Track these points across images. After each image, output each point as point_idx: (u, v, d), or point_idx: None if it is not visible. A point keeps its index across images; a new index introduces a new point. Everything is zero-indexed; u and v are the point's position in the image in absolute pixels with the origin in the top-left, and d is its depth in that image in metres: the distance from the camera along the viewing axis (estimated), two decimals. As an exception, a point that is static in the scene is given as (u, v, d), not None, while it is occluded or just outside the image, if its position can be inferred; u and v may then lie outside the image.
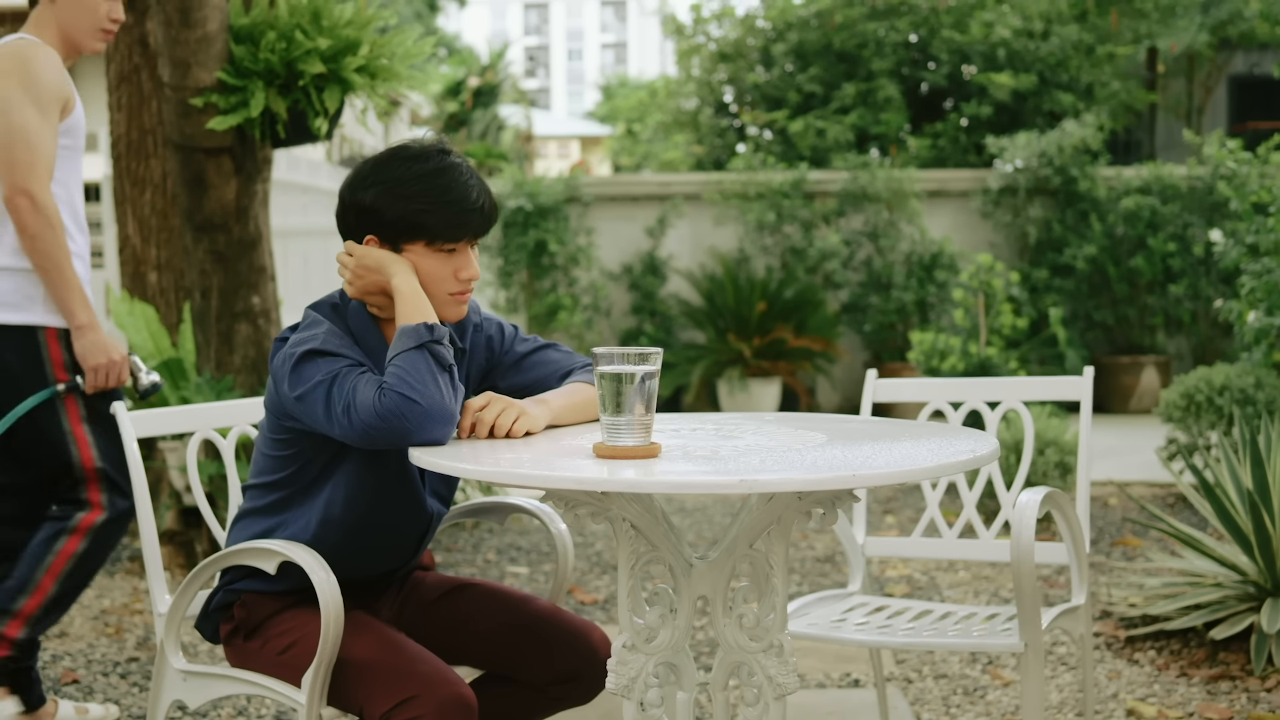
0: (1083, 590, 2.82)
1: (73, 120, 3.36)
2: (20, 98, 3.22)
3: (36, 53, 3.27)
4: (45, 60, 3.28)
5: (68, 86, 3.34)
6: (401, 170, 2.30)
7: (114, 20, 3.38)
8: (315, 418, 2.22)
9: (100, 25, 3.37)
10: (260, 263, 4.99)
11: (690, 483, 1.88)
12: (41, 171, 3.23)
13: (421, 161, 2.32)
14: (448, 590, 2.57)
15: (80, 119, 3.35)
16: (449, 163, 2.33)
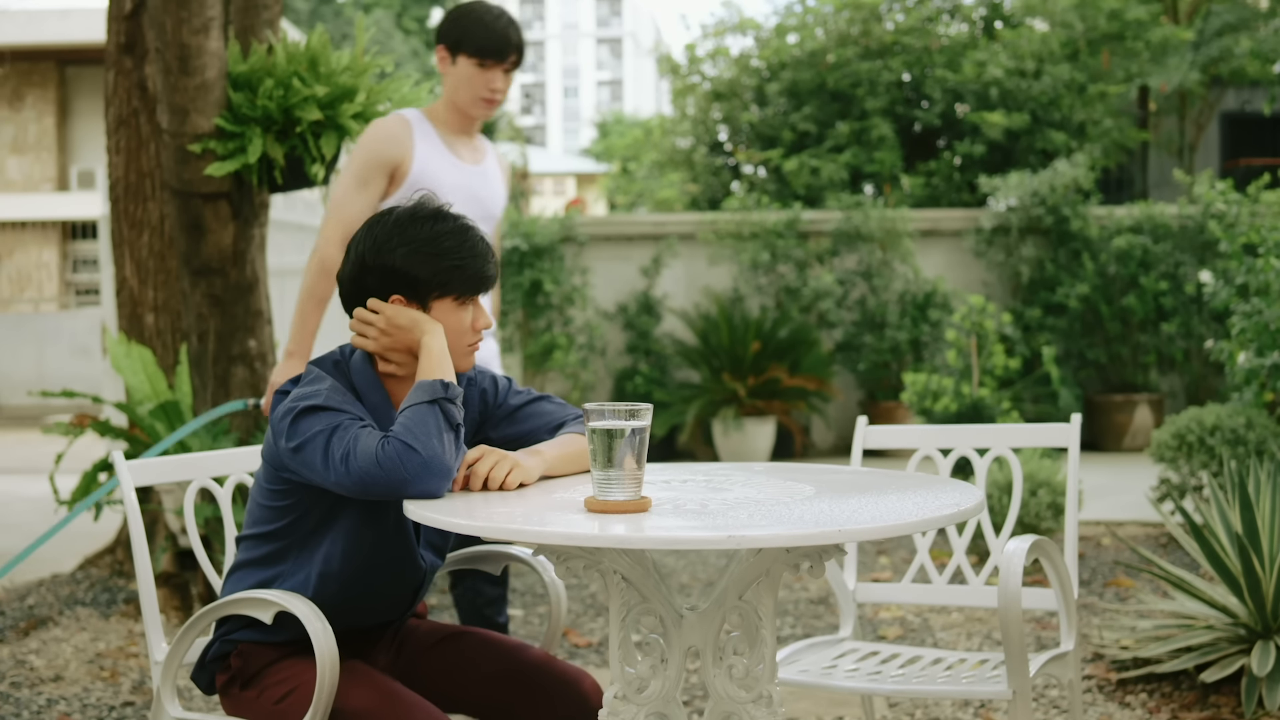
0: (1071, 637, 2.84)
1: (410, 182, 3.63)
2: (345, 169, 3.68)
3: (373, 127, 3.70)
4: (373, 132, 3.68)
5: (394, 153, 3.66)
6: (427, 230, 2.40)
7: (493, 90, 3.70)
8: (313, 468, 2.25)
9: (480, 95, 3.69)
10: (257, 306, 5.03)
11: (679, 539, 1.91)
12: (334, 235, 3.63)
13: (440, 221, 2.43)
14: (442, 638, 2.59)
15: (421, 178, 3.61)
16: (461, 221, 2.45)
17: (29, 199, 22.89)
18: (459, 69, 3.67)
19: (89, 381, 17.09)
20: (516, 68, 3.72)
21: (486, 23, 3.65)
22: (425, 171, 3.63)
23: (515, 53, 3.70)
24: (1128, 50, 14.17)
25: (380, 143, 3.66)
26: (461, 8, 3.70)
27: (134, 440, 5.13)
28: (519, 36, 3.71)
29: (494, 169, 3.84)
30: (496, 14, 3.68)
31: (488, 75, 3.67)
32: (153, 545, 5.27)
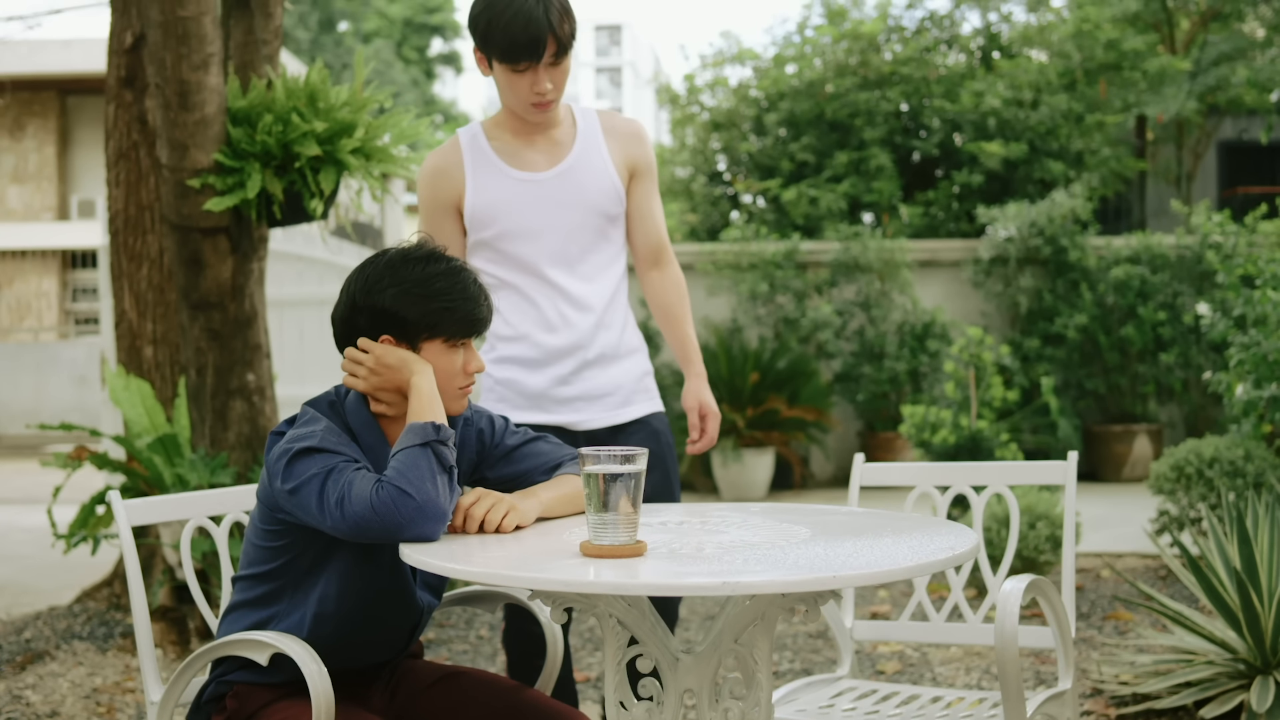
0: (1069, 675, 2.84)
1: (470, 217, 3.21)
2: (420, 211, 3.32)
3: (424, 163, 3.29)
4: (422, 172, 3.28)
5: (446, 190, 3.22)
6: (418, 272, 2.40)
7: (539, 93, 3.09)
8: (308, 511, 2.26)
9: (527, 101, 3.11)
10: (255, 340, 5.04)
11: (674, 585, 1.92)
12: None
13: (433, 263, 2.42)
14: (438, 678, 2.59)
15: (477, 210, 3.18)
16: (456, 264, 2.44)
17: (29, 228, 22.93)
18: (496, 74, 3.12)
19: (88, 411, 17.10)
20: (563, 56, 3.07)
21: (507, 17, 3.00)
22: (480, 202, 3.17)
23: (554, 42, 3.03)
24: (1125, 80, 14.23)
25: (428, 185, 3.23)
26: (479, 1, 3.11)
27: (132, 473, 5.12)
28: (555, 17, 3.02)
29: (588, 157, 3.21)
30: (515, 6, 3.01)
31: (527, 78, 3.07)
32: (150, 578, 5.26)
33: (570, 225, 3.15)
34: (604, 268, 3.22)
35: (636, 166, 3.25)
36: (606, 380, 3.19)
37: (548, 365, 3.16)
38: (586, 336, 3.17)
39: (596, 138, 3.23)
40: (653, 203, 3.29)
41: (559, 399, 3.17)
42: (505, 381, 3.19)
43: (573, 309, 3.17)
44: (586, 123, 3.25)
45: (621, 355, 3.22)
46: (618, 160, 3.22)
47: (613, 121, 3.27)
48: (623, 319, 3.25)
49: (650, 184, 3.28)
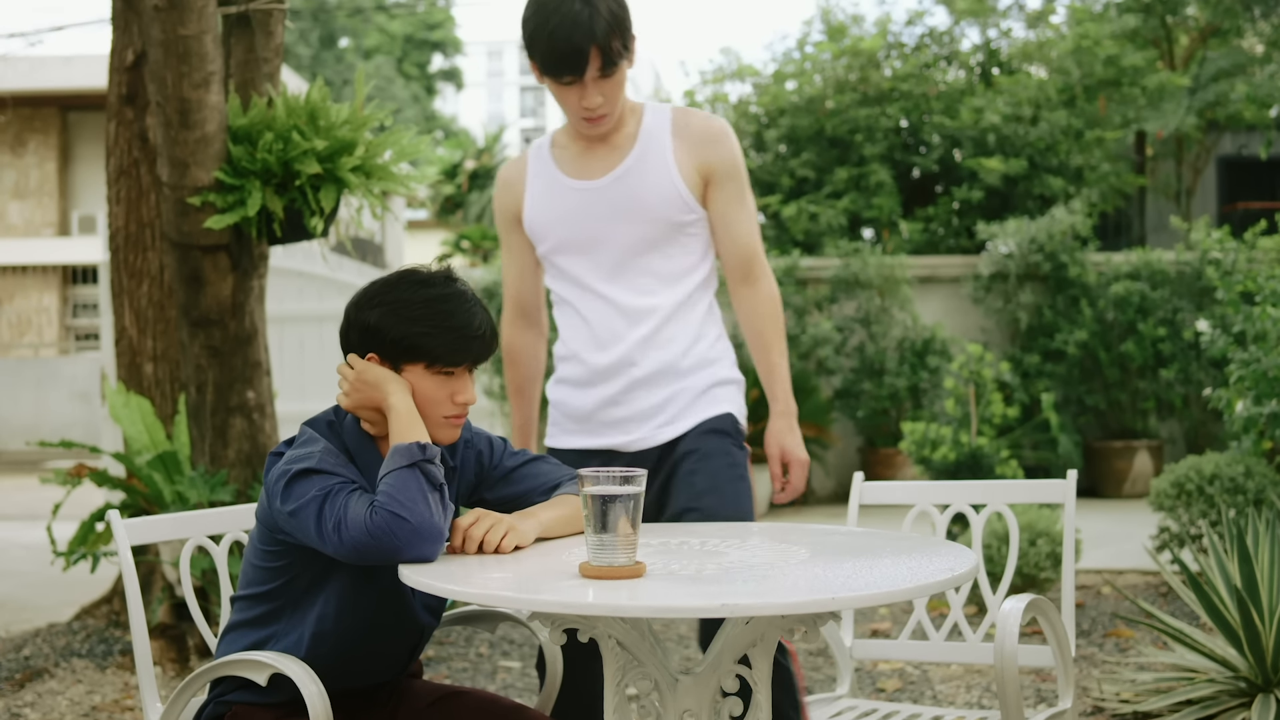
0: (1069, 694, 2.83)
1: (529, 229, 3.05)
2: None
3: (498, 172, 3.14)
4: (496, 185, 3.13)
5: (509, 203, 3.09)
6: (408, 293, 2.38)
7: (587, 108, 2.90)
8: (307, 533, 2.26)
9: (580, 115, 2.92)
10: (255, 358, 5.04)
11: (673, 607, 1.91)
12: (505, 312, 3.18)
13: (427, 287, 2.39)
14: (438, 698, 2.58)
15: (532, 223, 3.03)
16: (454, 290, 2.40)
17: (30, 244, 22.96)
18: (546, 84, 2.92)
19: (88, 427, 17.10)
20: (612, 70, 2.84)
21: (550, 26, 2.79)
22: (535, 215, 3.01)
23: (599, 56, 2.81)
24: (1124, 96, 14.26)
25: (496, 198, 3.11)
26: (528, 5, 2.90)
27: (132, 490, 5.12)
28: (602, 28, 2.79)
29: (648, 161, 2.96)
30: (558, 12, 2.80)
31: (574, 91, 2.86)
32: (150, 596, 5.26)
33: (626, 235, 2.93)
34: (670, 280, 2.97)
35: (712, 170, 2.96)
36: (660, 398, 2.96)
37: (595, 385, 2.98)
38: (637, 353, 2.94)
39: (662, 139, 2.96)
40: (737, 210, 2.99)
41: (607, 421, 2.97)
42: (556, 403, 3.05)
43: (626, 324, 2.95)
44: (654, 122, 2.98)
45: (685, 371, 2.97)
46: (685, 163, 2.94)
47: (686, 120, 2.98)
48: (693, 334, 2.99)
49: (733, 189, 2.97)
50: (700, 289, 3.01)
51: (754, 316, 3.02)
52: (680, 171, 2.92)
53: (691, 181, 2.94)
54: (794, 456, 3.01)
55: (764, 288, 3.02)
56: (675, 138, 2.95)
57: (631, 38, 2.87)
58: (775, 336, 3.02)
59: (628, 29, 2.85)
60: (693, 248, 2.99)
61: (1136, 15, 14.87)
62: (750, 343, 3.04)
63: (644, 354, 2.94)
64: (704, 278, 3.02)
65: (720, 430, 2.96)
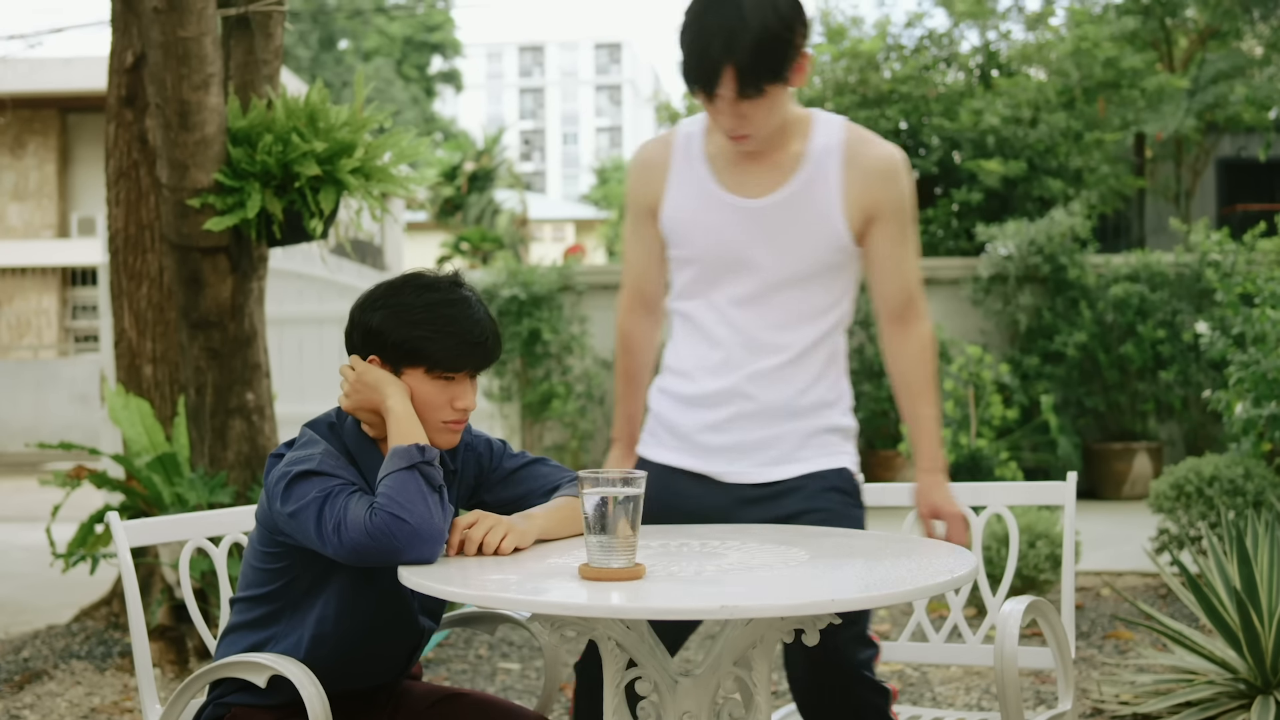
0: (1069, 696, 2.83)
1: (663, 225, 2.76)
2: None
3: (638, 149, 2.83)
4: (631, 162, 2.84)
5: (645, 190, 2.78)
6: (411, 297, 2.38)
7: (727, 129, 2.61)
8: (307, 535, 2.26)
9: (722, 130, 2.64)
10: (255, 359, 5.04)
11: (673, 609, 1.91)
12: (624, 298, 2.90)
13: (432, 291, 2.39)
14: (437, 700, 2.58)
15: (671, 223, 2.73)
16: (458, 295, 2.39)
17: (29, 245, 22.96)
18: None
19: (87, 429, 17.09)
20: (754, 93, 2.51)
21: (690, 35, 2.53)
22: (674, 216, 2.72)
23: (734, 77, 2.50)
24: (1124, 98, 14.27)
25: (631, 177, 2.82)
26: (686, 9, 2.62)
27: (131, 492, 5.12)
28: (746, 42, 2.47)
29: (812, 191, 2.64)
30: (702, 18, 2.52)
31: (716, 107, 2.57)
32: (149, 597, 5.25)
33: (774, 266, 2.66)
34: (806, 317, 2.71)
35: (878, 210, 2.66)
36: (767, 435, 2.71)
37: (702, 408, 2.74)
38: (753, 386, 2.69)
39: (832, 167, 2.64)
40: (899, 250, 2.70)
41: (706, 445, 2.73)
42: (657, 414, 2.83)
43: (749, 355, 2.70)
44: (825, 143, 2.65)
45: (798, 411, 2.71)
46: (851, 199, 2.64)
47: (862, 150, 2.66)
48: (815, 374, 2.72)
49: (897, 229, 2.68)
50: (834, 329, 2.76)
51: (903, 359, 2.76)
52: (845, 209, 2.63)
53: (854, 221, 2.66)
54: (948, 512, 2.73)
55: (918, 331, 2.74)
56: (847, 168, 2.64)
57: (793, 57, 2.52)
58: (924, 385, 2.76)
59: (787, 47, 2.50)
60: (836, 287, 2.73)
61: (1136, 17, 14.88)
62: (896, 388, 2.80)
63: (760, 388, 2.70)
64: (840, 318, 2.76)
65: (839, 489, 2.73)
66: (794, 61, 2.53)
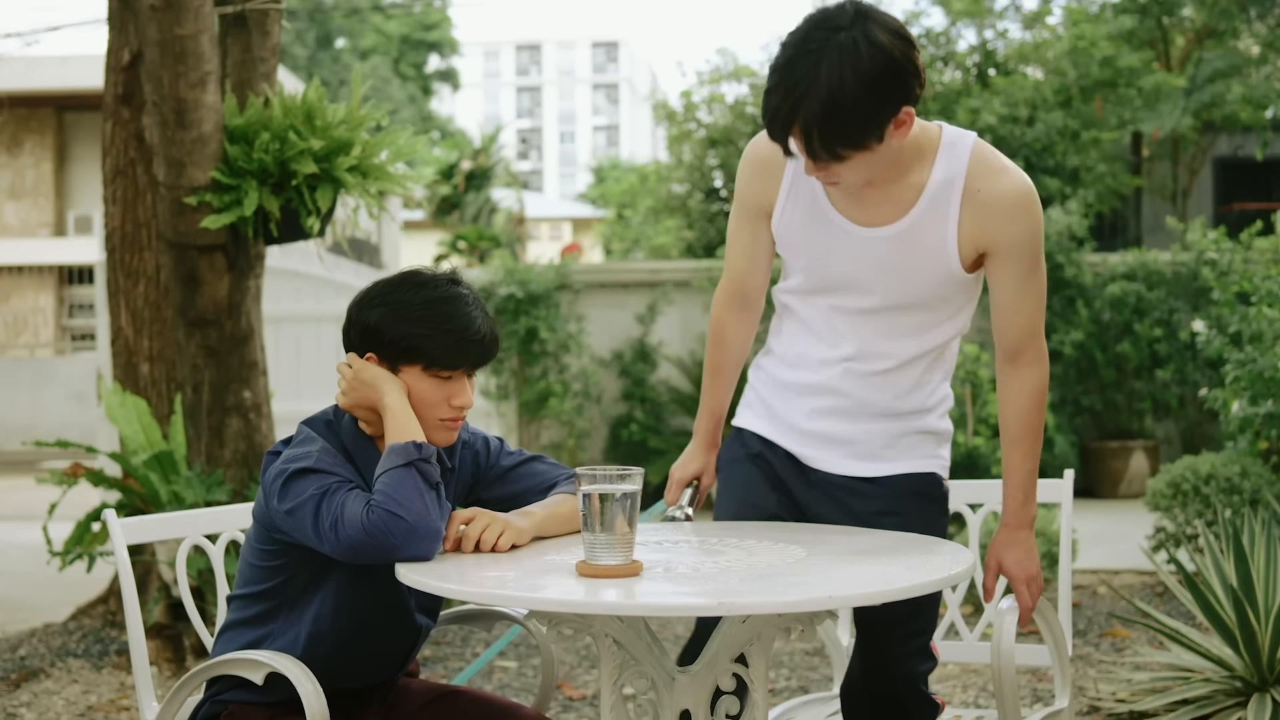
0: (1065, 694, 2.84)
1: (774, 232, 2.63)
2: None
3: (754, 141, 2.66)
4: (746, 153, 2.66)
5: (758, 189, 2.61)
6: (408, 295, 2.37)
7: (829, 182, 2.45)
8: (304, 532, 2.26)
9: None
10: (252, 358, 5.04)
11: (670, 605, 1.92)
12: (720, 291, 2.79)
13: (429, 288, 2.38)
14: (434, 698, 2.58)
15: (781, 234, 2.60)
16: (455, 292, 2.39)
17: (26, 244, 22.95)
18: None
19: (84, 427, 17.08)
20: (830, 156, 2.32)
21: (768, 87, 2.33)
22: (785, 230, 2.59)
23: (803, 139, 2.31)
24: (1120, 97, 14.27)
25: (743, 171, 2.64)
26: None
27: (128, 490, 5.12)
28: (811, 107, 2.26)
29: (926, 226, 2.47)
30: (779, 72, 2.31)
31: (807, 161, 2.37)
32: (146, 596, 5.25)
33: (885, 292, 2.54)
34: (919, 331, 2.59)
35: (995, 248, 2.48)
36: (856, 431, 2.63)
37: (798, 395, 2.66)
38: (851, 384, 2.61)
39: (950, 200, 2.46)
40: (1022, 289, 2.52)
41: (799, 429, 2.66)
42: (756, 390, 2.76)
43: (854, 359, 2.61)
44: (947, 173, 2.47)
45: (893, 414, 2.63)
46: (966, 235, 2.47)
47: (984, 185, 2.46)
48: (917, 379, 2.63)
49: (1016, 267, 2.49)
50: (945, 345, 2.65)
51: (1007, 404, 2.62)
52: (959, 247, 2.47)
53: (969, 257, 2.50)
54: (1015, 572, 2.60)
55: (1030, 375, 2.58)
56: (966, 201, 2.45)
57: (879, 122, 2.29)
58: (1022, 434, 2.60)
59: (869, 114, 2.27)
60: (951, 307, 2.59)
61: (1133, 16, 14.88)
62: (1000, 430, 2.66)
63: (858, 388, 2.62)
64: (954, 330, 2.64)
65: (924, 494, 2.65)
66: (880, 126, 2.30)
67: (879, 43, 2.25)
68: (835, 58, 2.21)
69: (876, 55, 2.25)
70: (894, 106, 2.29)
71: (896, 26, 2.29)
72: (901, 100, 2.30)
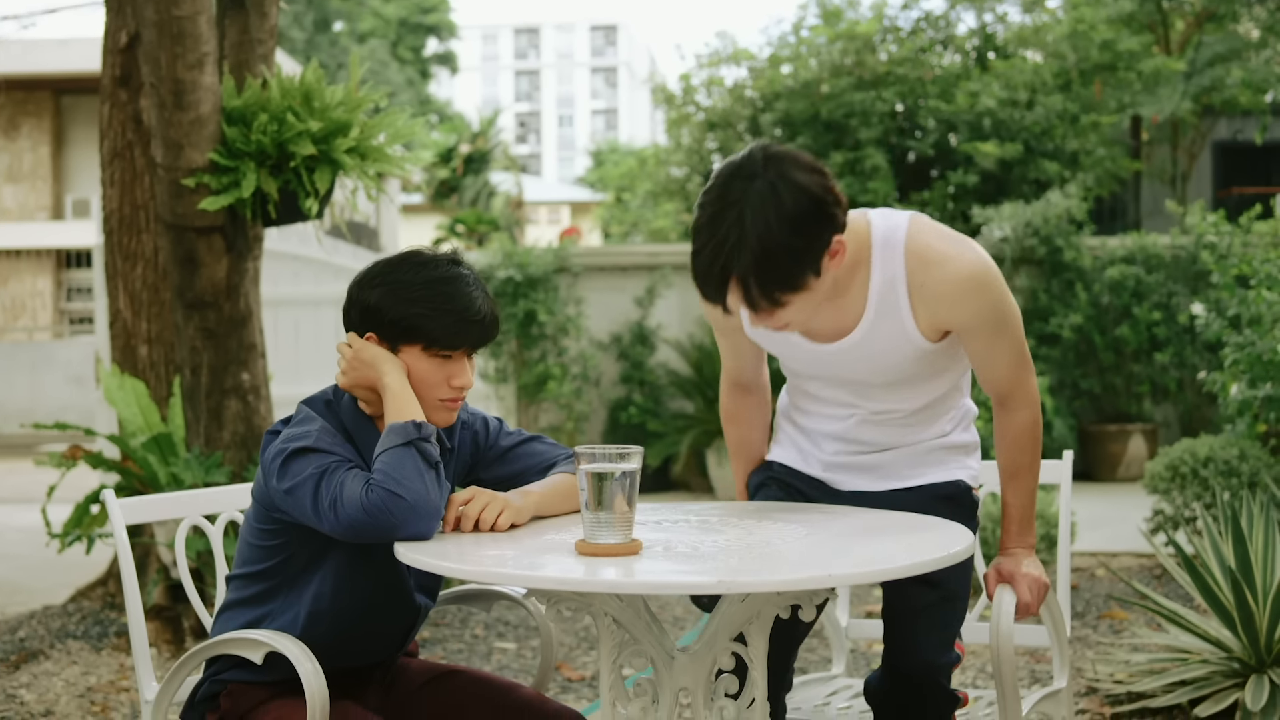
0: (1064, 674, 2.84)
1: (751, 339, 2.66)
2: None
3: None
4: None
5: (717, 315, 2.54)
6: (409, 274, 2.37)
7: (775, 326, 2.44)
8: (303, 511, 2.26)
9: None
10: (250, 340, 5.03)
11: (669, 584, 1.92)
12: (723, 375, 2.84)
13: (429, 268, 2.38)
14: (433, 677, 2.58)
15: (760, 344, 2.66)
16: (456, 272, 2.38)
17: (24, 227, 22.93)
18: None
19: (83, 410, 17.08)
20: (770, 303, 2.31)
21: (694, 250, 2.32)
22: (759, 340, 2.64)
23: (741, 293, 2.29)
24: (1120, 80, 14.25)
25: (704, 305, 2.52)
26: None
27: (126, 473, 5.12)
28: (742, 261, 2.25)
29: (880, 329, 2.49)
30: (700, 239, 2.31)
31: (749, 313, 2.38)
32: (145, 577, 5.26)
33: (866, 378, 2.57)
34: (920, 386, 2.60)
35: (955, 326, 2.50)
36: (878, 459, 2.67)
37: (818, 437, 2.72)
38: (871, 434, 2.65)
39: (899, 298, 2.47)
40: (989, 351, 2.54)
41: (823, 462, 2.71)
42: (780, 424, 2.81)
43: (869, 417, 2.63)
44: (887, 273, 2.47)
45: (913, 444, 2.67)
46: (925, 322, 2.48)
47: (928, 279, 2.46)
48: (929, 417, 2.66)
49: (987, 337, 2.51)
50: (952, 391, 2.67)
51: (1003, 443, 2.64)
52: (923, 332, 2.49)
53: (931, 336, 2.51)
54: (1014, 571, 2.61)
55: (1019, 419, 2.60)
56: (914, 296, 2.47)
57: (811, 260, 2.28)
58: (1015, 470, 2.63)
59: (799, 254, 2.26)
60: (946, 364, 2.60)
61: (1132, 0, 14.86)
62: (998, 465, 2.69)
63: (875, 435, 2.66)
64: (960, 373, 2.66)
65: (952, 499, 2.66)
66: (815, 262, 2.28)
67: (797, 182, 2.25)
68: (757, 204, 2.22)
69: (798, 196, 2.24)
70: (824, 241, 2.28)
71: (808, 162, 2.30)
72: (830, 232, 2.29)
